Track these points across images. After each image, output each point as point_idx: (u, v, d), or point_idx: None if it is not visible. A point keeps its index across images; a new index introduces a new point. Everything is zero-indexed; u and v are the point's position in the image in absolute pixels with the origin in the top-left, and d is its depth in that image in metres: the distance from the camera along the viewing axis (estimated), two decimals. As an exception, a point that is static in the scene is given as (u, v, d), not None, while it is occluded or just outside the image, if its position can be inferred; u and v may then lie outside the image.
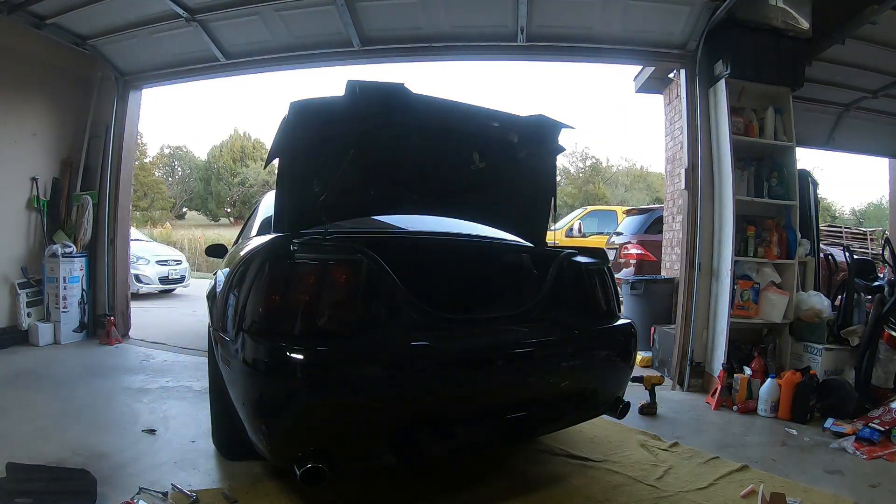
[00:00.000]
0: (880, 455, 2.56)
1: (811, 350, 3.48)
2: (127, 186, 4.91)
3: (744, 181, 3.67)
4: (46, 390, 3.16)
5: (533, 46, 3.87)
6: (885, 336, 3.21)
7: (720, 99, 3.61)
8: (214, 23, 4.01)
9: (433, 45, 3.96)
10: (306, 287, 1.67)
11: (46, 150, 4.62)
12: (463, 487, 2.09)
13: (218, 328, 1.96)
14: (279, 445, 1.66)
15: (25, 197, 4.49)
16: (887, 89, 4.48)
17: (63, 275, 4.45)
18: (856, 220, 22.19)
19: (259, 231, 2.48)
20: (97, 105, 4.78)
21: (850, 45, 3.78)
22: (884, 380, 3.22)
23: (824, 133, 4.94)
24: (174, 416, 2.80)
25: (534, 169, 2.55)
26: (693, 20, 3.59)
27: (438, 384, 1.75)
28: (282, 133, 1.86)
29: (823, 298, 3.58)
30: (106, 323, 4.59)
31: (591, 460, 2.37)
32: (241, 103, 41.44)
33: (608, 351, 2.24)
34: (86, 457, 2.18)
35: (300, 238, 1.78)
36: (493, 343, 1.91)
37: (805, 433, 2.88)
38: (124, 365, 3.90)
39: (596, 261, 2.36)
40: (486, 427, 1.90)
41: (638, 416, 3.03)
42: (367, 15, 3.81)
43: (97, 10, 3.92)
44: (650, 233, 6.22)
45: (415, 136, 2.22)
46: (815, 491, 2.15)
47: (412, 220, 2.55)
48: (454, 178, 2.45)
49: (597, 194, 25.57)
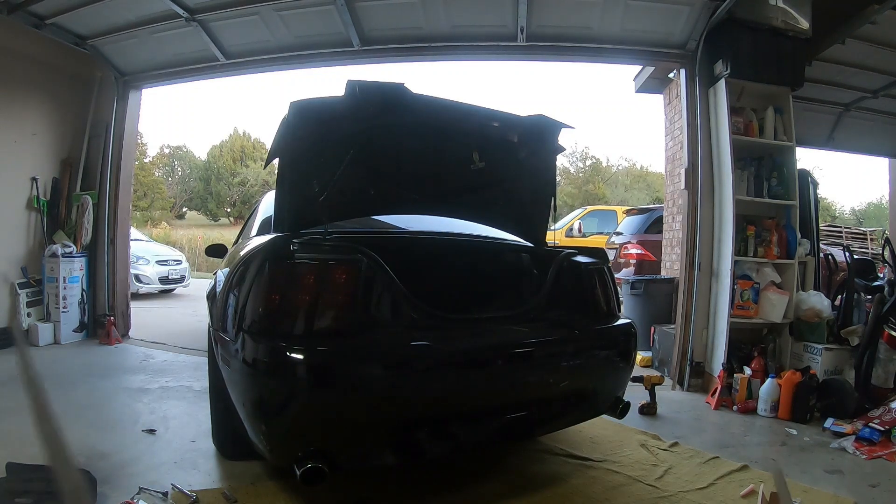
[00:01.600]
0: (880, 455, 2.56)
1: (811, 350, 3.48)
2: (127, 186, 4.91)
3: (744, 181, 3.67)
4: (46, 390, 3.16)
5: (533, 46, 3.87)
6: (885, 336, 3.21)
7: (720, 99, 3.61)
8: (214, 23, 4.01)
9: (433, 45, 3.96)
10: (306, 287, 1.67)
11: (46, 150, 4.63)
12: (463, 487, 2.09)
13: (218, 328, 1.96)
14: (279, 445, 1.66)
15: (25, 197, 4.49)
16: (887, 89, 4.48)
17: (63, 275, 4.45)
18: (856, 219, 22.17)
19: (259, 231, 2.48)
20: (97, 105, 4.78)
21: (850, 44, 3.78)
22: (884, 380, 3.22)
23: (824, 133, 4.94)
24: (174, 416, 2.80)
25: (534, 169, 2.55)
26: (693, 20, 3.59)
27: (438, 384, 1.75)
28: (282, 133, 1.86)
29: (823, 298, 3.57)
30: (106, 323, 4.59)
31: (591, 460, 2.37)
32: (241, 103, 41.52)
33: (608, 351, 2.24)
34: (86, 457, 2.18)
35: (300, 238, 1.78)
36: (493, 343, 1.91)
37: (805, 433, 2.88)
38: (124, 365, 3.90)
39: (596, 261, 2.36)
40: (486, 427, 1.90)
41: (638, 416, 3.03)
42: (367, 15, 3.81)
43: (97, 10, 3.92)
44: (650, 233, 6.22)
45: (415, 136, 2.22)
46: (815, 491, 2.15)
47: (412, 220, 2.55)
48: (454, 178, 2.45)
49: (597, 194, 25.57)
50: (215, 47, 4.19)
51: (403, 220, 2.55)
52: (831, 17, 3.58)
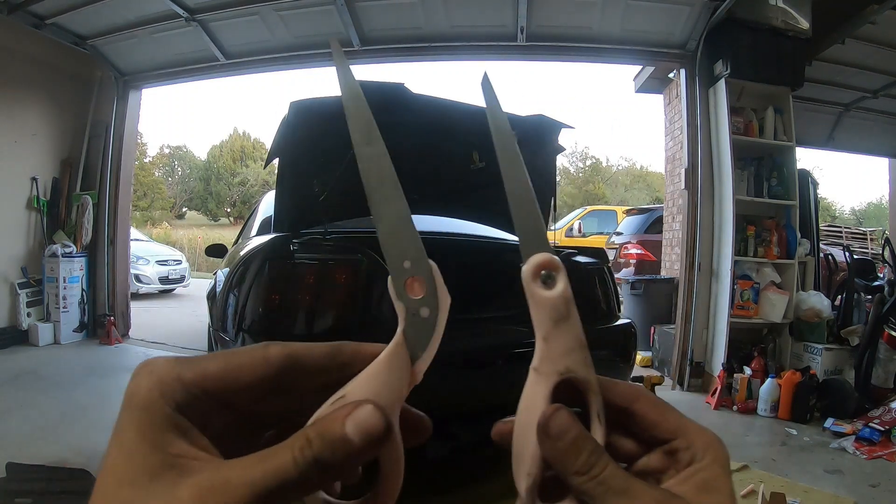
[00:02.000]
0: (880, 455, 2.56)
1: (811, 350, 3.48)
2: (127, 186, 4.91)
3: (744, 181, 3.67)
4: (46, 390, 3.16)
5: (533, 46, 3.87)
6: (885, 336, 3.21)
7: (720, 99, 3.60)
8: (214, 23, 4.01)
9: (433, 45, 3.96)
10: (306, 287, 1.67)
11: (46, 150, 4.63)
12: (463, 487, 2.09)
13: (218, 328, 1.96)
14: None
15: (25, 197, 4.49)
16: (887, 89, 4.48)
17: (63, 275, 4.45)
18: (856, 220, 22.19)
19: (259, 231, 2.48)
20: (97, 105, 4.78)
21: (850, 45, 3.78)
22: (884, 379, 3.22)
23: (824, 133, 4.94)
24: (174, 416, 2.80)
25: (534, 169, 2.54)
26: (693, 20, 3.59)
27: (438, 384, 1.75)
28: (282, 133, 1.86)
29: (823, 298, 3.57)
30: (106, 323, 4.58)
31: (591, 460, 2.37)
32: (241, 103, 41.55)
33: (608, 351, 2.24)
34: (86, 457, 2.18)
35: (300, 238, 1.79)
36: (493, 343, 1.92)
37: (805, 433, 2.88)
38: (124, 365, 3.90)
39: (596, 261, 2.36)
40: (486, 427, 1.90)
41: (638, 416, 3.03)
42: (366, 15, 3.81)
43: (97, 10, 3.92)
44: (650, 233, 6.22)
45: (415, 136, 2.22)
46: (815, 491, 2.15)
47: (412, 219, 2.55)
48: (454, 178, 2.46)
49: (597, 194, 25.57)
50: (215, 47, 4.19)
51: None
52: (831, 17, 3.58)
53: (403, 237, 0.27)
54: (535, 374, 0.26)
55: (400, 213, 0.28)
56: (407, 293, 0.26)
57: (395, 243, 0.27)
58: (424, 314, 0.27)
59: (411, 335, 0.27)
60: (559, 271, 0.26)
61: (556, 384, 0.25)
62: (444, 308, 0.27)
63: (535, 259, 0.27)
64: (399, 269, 0.27)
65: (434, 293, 0.27)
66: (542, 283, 0.26)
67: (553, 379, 0.25)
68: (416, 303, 0.27)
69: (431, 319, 0.27)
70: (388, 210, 0.28)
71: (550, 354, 0.26)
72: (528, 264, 0.26)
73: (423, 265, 0.27)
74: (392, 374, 0.25)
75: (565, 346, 0.26)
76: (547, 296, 0.26)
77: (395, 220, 0.27)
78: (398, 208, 0.28)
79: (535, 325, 0.26)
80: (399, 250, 0.27)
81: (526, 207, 0.29)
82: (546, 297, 0.26)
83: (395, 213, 0.28)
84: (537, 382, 0.26)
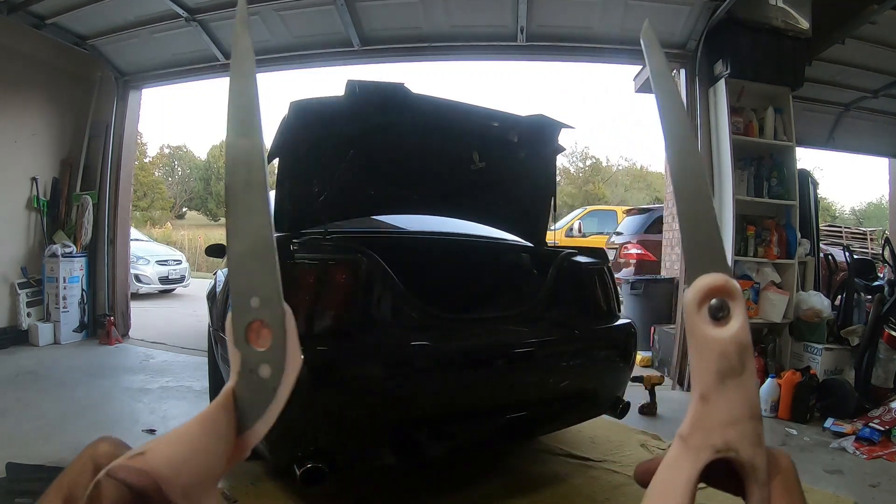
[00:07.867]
0: (880, 455, 2.56)
1: (811, 350, 3.48)
2: (127, 186, 4.91)
3: (744, 181, 3.67)
4: (46, 390, 3.16)
5: (533, 46, 3.88)
6: (885, 336, 3.21)
7: (720, 99, 3.60)
8: (214, 23, 4.01)
9: (433, 44, 3.96)
10: (306, 287, 1.67)
11: (46, 150, 4.63)
12: (463, 487, 2.09)
13: (218, 328, 1.96)
14: (279, 445, 1.66)
15: (25, 197, 4.49)
16: (887, 89, 4.48)
17: (63, 275, 4.45)
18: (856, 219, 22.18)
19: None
20: (97, 105, 4.78)
21: (850, 45, 3.78)
22: (884, 379, 3.22)
23: (824, 133, 4.94)
24: (174, 416, 2.80)
25: (534, 169, 2.55)
26: (693, 20, 3.59)
27: (438, 384, 1.76)
28: (282, 133, 1.86)
29: (823, 298, 3.57)
30: (106, 323, 4.58)
31: (591, 460, 2.37)
32: (241, 103, 41.34)
33: (608, 351, 2.24)
34: (86, 457, 2.18)
35: (300, 238, 1.78)
36: (493, 343, 1.91)
37: (805, 433, 2.88)
38: (124, 365, 3.90)
39: (596, 261, 2.36)
40: (486, 427, 1.90)
41: (638, 416, 3.03)
42: (367, 15, 3.81)
43: (97, 10, 3.92)
44: (650, 233, 6.22)
45: (414, 136, 2.22)
46: (815, 491, 2.15)
47: (412, 220, 2.55)
48: (454, 178, 2.46)
49: (597, 194, 25.56)
50: (215, 47, 4.19)
51: (403, 220, 2.55)
52: (831, 17, 3.58)
53: (258, 265, 0.21)
54: (683, 444, 0.20)
55: (260, 231, 0.21)
56: (248, 341, 0.20)
57: (244, 272, 0.21)
58: (264, 373, 0.20)
59: (244, 397, 0.20)
60: (736, 300, 0.19)
61: (709, 463, 0.19)
62: (291, 370, 0.21)
63: (704, 281, 0.20)
64: (243, 308, 0.20)
65: (282, 347, 0.20)
66: (710, 315, 0.19)
67: (705, 456, 0.19)
68: (257, 356, 0.20)
69: (272, 383, 0.20)
70: (247, 224, 0.21)
71: (707, 421, 0.19)
72: (693, 287, 0.20)
73: (275, 307, 0.20)
74: (207, 440, 0.19)
75: (730, 414, 0.19)
76: (714, 336, 0.19)
77: (253, 240, 0.21)
78: (259, 224, 0.21)
79: (693, 376, 0.19)
80: (248, 281, 0.21)
81: (699, 208, 0.21)
82: (713, 339, 0.19)
83: (254, 229, 0.21)
84: (684, 457, 0.20)
